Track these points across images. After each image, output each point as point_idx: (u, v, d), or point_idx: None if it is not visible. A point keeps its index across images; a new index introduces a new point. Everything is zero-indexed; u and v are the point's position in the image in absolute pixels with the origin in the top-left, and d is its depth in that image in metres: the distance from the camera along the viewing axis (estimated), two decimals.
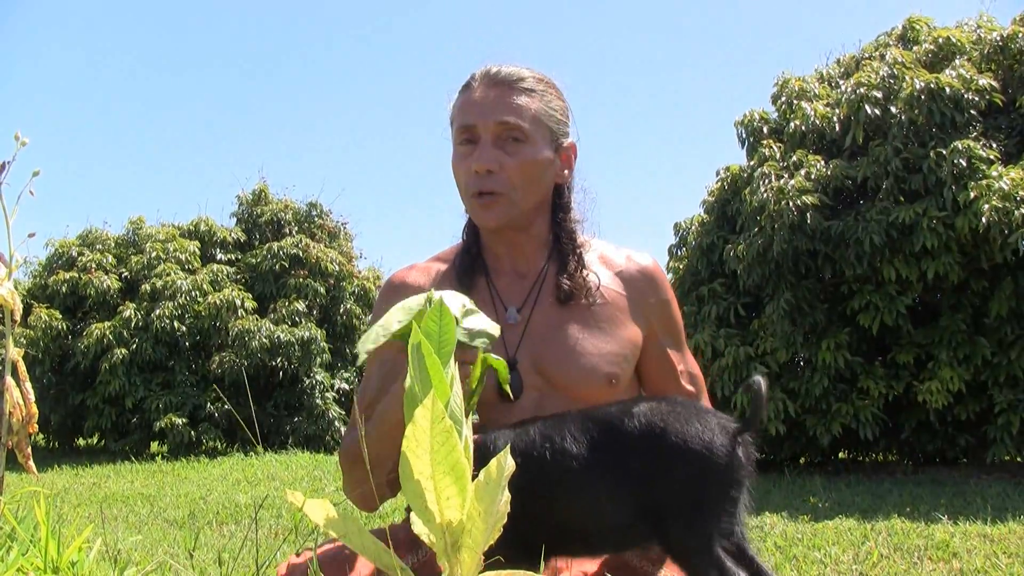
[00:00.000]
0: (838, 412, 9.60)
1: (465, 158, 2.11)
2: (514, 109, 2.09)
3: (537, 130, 2.11)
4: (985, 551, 5.63)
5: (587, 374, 2.04)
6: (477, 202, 2.10)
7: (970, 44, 10.00)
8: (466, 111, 2.12)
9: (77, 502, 9.25)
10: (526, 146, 2.09)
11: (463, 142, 2.12)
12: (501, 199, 2.08)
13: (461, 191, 2.16)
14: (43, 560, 1.86)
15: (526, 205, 2.13)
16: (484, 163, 2.06)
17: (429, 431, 1.29)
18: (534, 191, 2.13)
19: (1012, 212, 8.27)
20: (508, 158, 2.07)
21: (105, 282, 16.12)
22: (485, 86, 2.12)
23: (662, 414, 1.62)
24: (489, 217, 2.10)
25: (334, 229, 18.70)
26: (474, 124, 2.09)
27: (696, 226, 11.49)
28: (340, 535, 1.43)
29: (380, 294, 2.29)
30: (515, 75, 2.13)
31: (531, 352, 2.08)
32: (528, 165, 2.09)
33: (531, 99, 2.12)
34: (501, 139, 2.08)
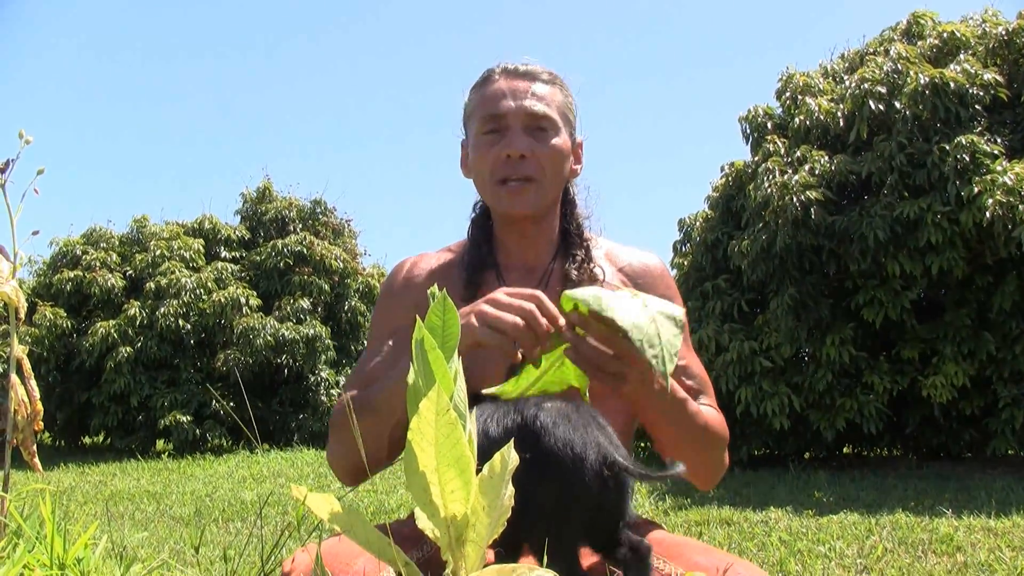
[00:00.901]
0: (842, 407, 9.60)
1: (491, 146, 2.10)
2: (542, 98, 2.11)
3: (561, 120, 2.13)
4: (989, 545, 5.64)
5: (591, 369, 2.03)
6: (505, 189, 2.09)
7: (975, 39, 9.98)
8: (492, 101, 2.11)
9: (83, 500, 9.27)
10: (552, 134, 2.10)
11: (489, 131, 2.11)
12: (531, 186, 2.08)
13: (484, 180, 2.14)
14: (49, 557, 1.87)
15: (552, 194, 2.14)
16: (519, 148, 2.06)
17: (434, 423, 1.29)
18: (559, 181, 2.15)
19: (1016, 207, 8.26)
20: (539, 145, 2.08)
21: (110, 280, 16.14)
22: (508, 78, 2.13)
23: (557, 415, 1.61)
24: (519, 203, 2.09)
25: (338, 226, 18.72)
26: (504, 113, 2.09)
27: (700, 222, 11.49)
28: (344, 529, 1.44)
29: (388, 278, 2.28)
30: (535, 69, 2.15)
31: None
32: (556, 154, 2.10)
33: (554, 90, 2.14)
34: (529, 128, 2.09)
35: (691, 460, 2.02)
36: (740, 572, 1.75)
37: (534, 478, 1.45)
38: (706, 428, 2.02)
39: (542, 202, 2.12)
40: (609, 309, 1.63)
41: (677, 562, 1.83)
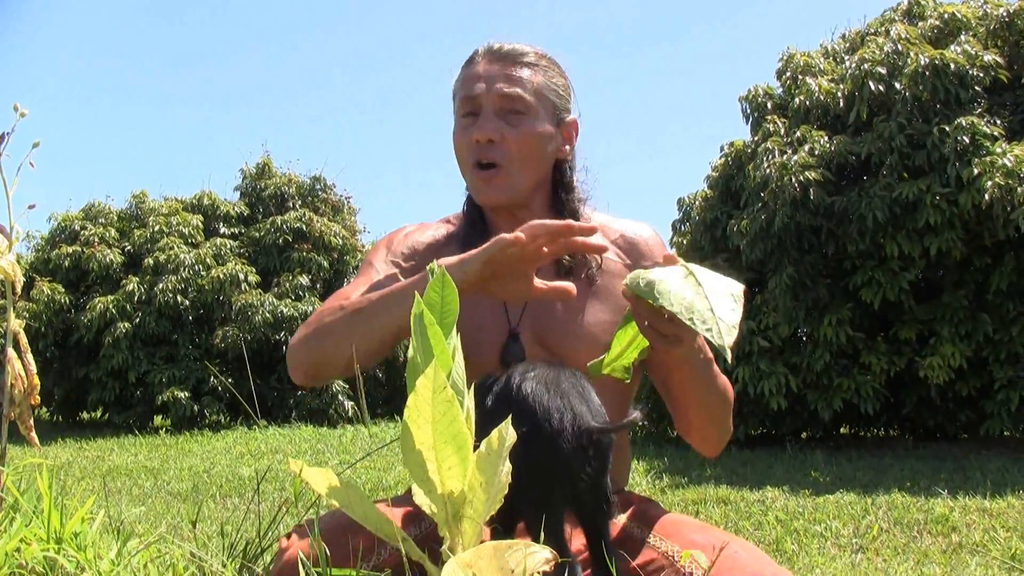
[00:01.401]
0: (840, 387, 9.61)
1: (466, 129, 2.09)
2: (516, 81, 2.08)
3: (539, 103, 2.10)
4: (984, 525, 5.66)
5: (587, 344, 2.03)
6: (478, 175, 2.08)
7: (976, 20, 9.95)
8: (469, 84, 2.11)
9: (81, 475, 9.28)
10: (527, 118, 2.08)
11: (466, 114, 2.10)
12: (501, 172, 2.06)
13: (462, 165, 2.14)
14: (46, 531, 1.87)
15: (525, 179, 2.11)
16: (485, 132, 2.05)
17: (431, 400, 1.29)
18: (534, 165, 2.12)
19: (1015, 189, 8.26)
20: (510, 129, 2.06)
21: (108, 256, 16.14)
22: (488, 61, 2.12)
23: (541, 381, 1.62)
24: (490, 193, 2.09)
25: (338, 203, 18.71)
26: (476, 95, 2.08)
27: (700, 201, 11.48)
28: (342, 504, 1.44)
29: (382, 240, 2.27)
30: (518, 50, 2.13)
31: (533, 324, 2.06)
32: (529, 137, 2.08)
33: (533, 72, 2.11)
34: (503, 111, 2.07)
35: (709, 425, 2.05)
36: (737, 550, 1.76)
37: (516, 448, 1.45)
38: (725, 391, 2.05)
39: (514, 189, 2.10)
40: (660, 295, 1.63)
41: (673, 540, 1.84)
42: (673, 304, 1.61)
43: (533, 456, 1.53)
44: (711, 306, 1.60)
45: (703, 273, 1.68)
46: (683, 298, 1.61)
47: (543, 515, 1.52)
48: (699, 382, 1.96)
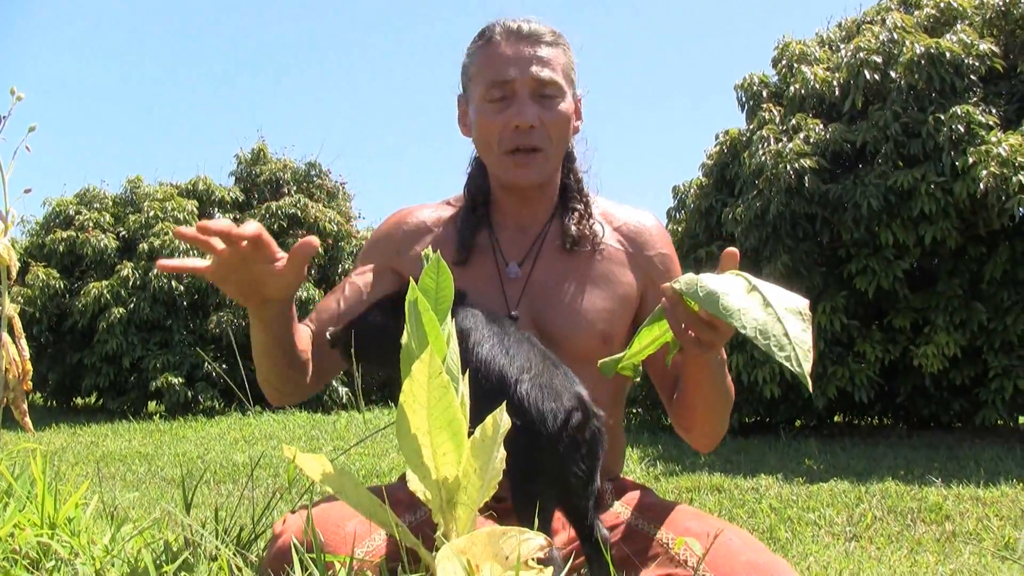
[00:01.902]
0: (834, 375, 9.63)
1: (497, 114, 2.05)
2: (548, 63, 2.06)
3: (566, 83, 2.09)
4: (977, 514, 5.67)
5: (582, 331, 2.04)
6: (513, 159, 2.05)
7: (972, 9, 9.95)
8: (498, 66, 2.07)
9: (75, 460, 9.29)
10: (558, 100, 2.07)
11: (495, 98, 2.06)
12: (539, 156, 2.05)
13: (487, 147, 2.10)
14: (40, 516, 1.87)
15: (557, 161, 2.12)
16: (529, 119, 2.02)
17: (426, 386, 1.29)
18: (564, 146, 2.13)
19: (1010, 178, 8.26)
20: (546, 113, 2.05)
21: (103, 241, 16.12)
22: (512, 41, 2.08)
23: (534, 375, 1.62)
24: (527, 174, 2.07)
25: (333, 189, 18.68)
26: (511, 80, 2.04)
27: (695, 189, 11.48)
28: (336, 491, 1.44)
29: (385, 222, 2.25)
30: (538, 30, 2.10)
31: (530, 307, 2.06)
32: (563, 120, 2.07)
33: (558, 52, 2.10)
34: (536, 94, 2.05)
35: (712, 422, 2.05)
36: (731, 538, 1.76)
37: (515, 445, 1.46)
38: (730, 391, 2.04)
39: (548, 171, 2.10)
40: (728, 312, 1.57)
41: (668, 527, 1.84)
42: (746, 326, 1.55)
43: (526, 449, 1.54)
44: (786, 330, 1.55)
45: (767, 288, 1.63)
46: (755, 319, 1.56)
47: (535, 506, 1.52)
48: (713, 383, 1.95)
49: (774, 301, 1.58)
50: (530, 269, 2.10)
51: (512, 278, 2.10)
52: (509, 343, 1.71)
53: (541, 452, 1.56)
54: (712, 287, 1.60)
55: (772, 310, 1.57)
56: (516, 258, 2.12)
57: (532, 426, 1.56)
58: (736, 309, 1.56)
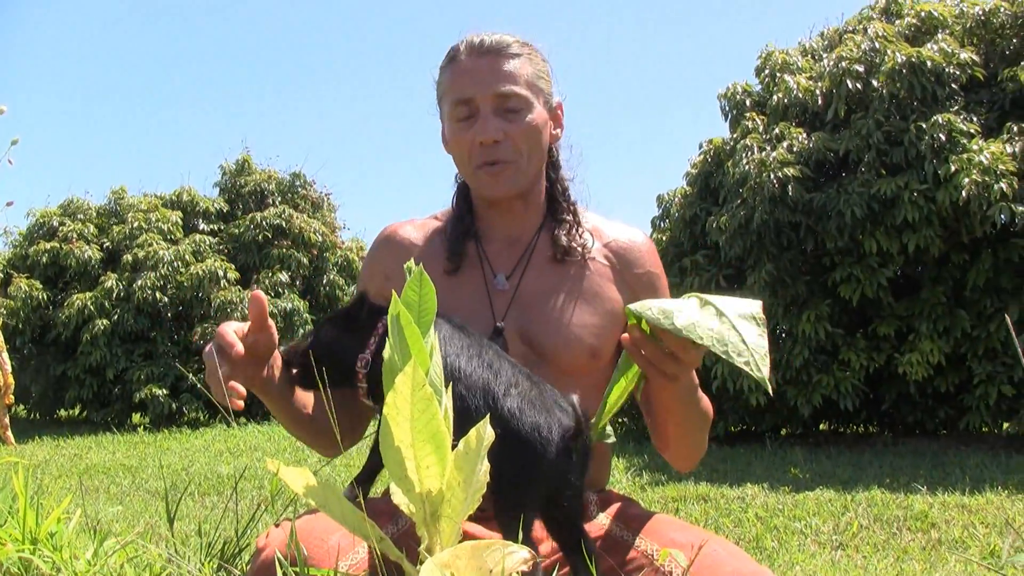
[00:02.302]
0: (819, 383, 9.64)
1: (465, 131, 2.07)
2: (509, 77, 2.06)
3: (532, 93, 2.08)
4: (963, 521, 5.68)
5: (570, 345, 2.03)
6: (485, 172, 2.06)
7: (952, 18, 10.00)
8: (460, 84, 2.08)
9: (58, 473, 9.24)
10: (525, 112, 2.06)
11: (461, 117, 2.08)
12: (509, 168, 2.05)
13: (462, 164, 2.12)
14: (21, 531, 1.86)
15: (532, 171, 2.11)
16: (490, 135, 2.02)
17: (410, 398, 1.29)
18: (538, 156, 2.12)
19: (992, 186, 8.30)
20: (511, 126, 2.04)
21: (87, 252, 16.08)
22: (474, 57, 2.09)
23: (523, 399, 1.63)
24: (499, 186, 2.07)
25: (318, 200, 18.67)
26: (471, 97, 2.05)
27: (679, 198, 11.50)
28: (319, 504, 1.43)
29: (373, 243, 2.26)
30: (501, 42, 2.09)
31: (518, 320, 2.06)
32: (531, 131, 2.07)
33: (521, 63, 2.09)
34: (500, 109, 2.05)
35: (686, 443, 2.05)
36: (716, 549, 1.76)
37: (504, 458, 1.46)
38: (706, 413, 2.05)
39: (522, 180, 2.10)
40: (684, 328, 1.60)
41: (653, 539, 1.84)
42: (703, 337, 1.57)
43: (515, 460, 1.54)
44: (742, 336, 1.57)
45: (719, 300, 1.65)
46: (710, 329, 1.58)
47: (519, 517, 1.52)
48: (686, 409, 1.97)
49: (727, 311, 1.61)
50: (518, 281, 2.10)
51: (500, 289, 2.09)
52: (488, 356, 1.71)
53: (533, 464, 1.57)
54: (666, 306, 1.64)
55: (726, 319, 1.59)
56: (504, 270, 2.12)
57: (522, 437, 1.56)
58: (691, 323, 1.60)
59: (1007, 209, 8.32)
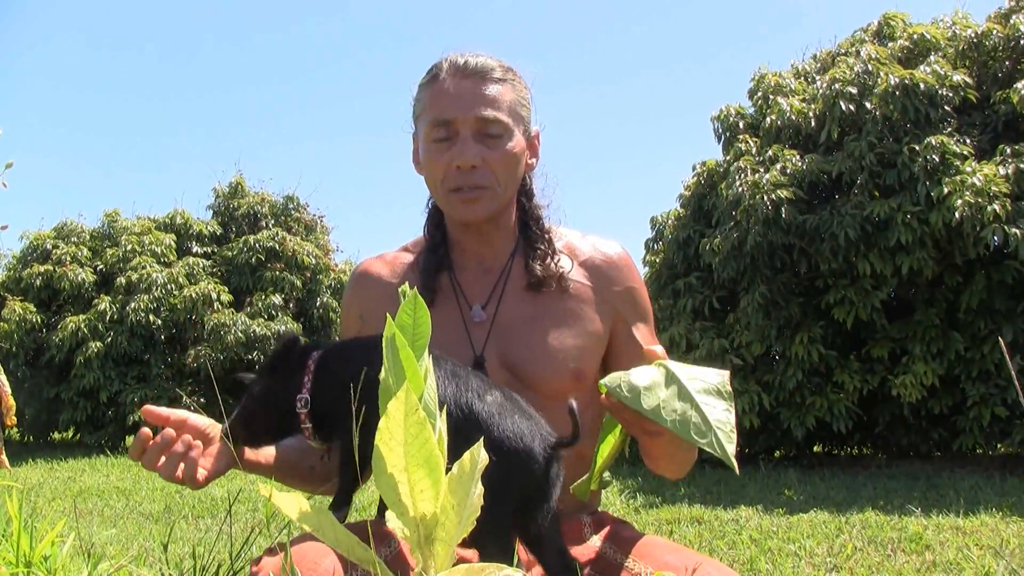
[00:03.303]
0: (812, 405, 9.65)
1: (441, 153, 2.02)
2: (491, 102, 2.03)
3: (513, 121, 2.06)
4: (957, 543, 5.67)
5: (554, 370, 2.02)
6: (457, 197, 2.02)
7: (945, 41, 10.06)
8: (440, 105, 2.04)
9: (52, 496, 9.21)
10: (505, 139, 2.03)
11: (438, 138, 2.04)
12: (485, 193, 2.02)
13: (435, 187, 2.08)
14: (15, 554, 1.85)
15: (506, 197, 2.08)
16: (469, 159, 1.99)
17: (403, 423, 1.29)
18: (513, 182, 2.09)
19: (985, 207, 8.32)
20: (490, 152, 2.01)
21: (80, 275, 16.06)
22: (457, 78, 2.05)
23: (498, 406, 1.64)
24: (473, 212, 2.04)
25: (311, 222, 18.67)
26: (452, 119, 2.01)
27: (672, 220, 11.54)
28: (313, 528, 1.43)
29: (348, 283, 2.24)
30: (486, 66, 2.06)
31: (497, 349, 2.04)
32: (509, 158, 2.04)
33: (504, 89, 2.06)
34: (480, 134, 2.02)
35: (679, 462, 2.03)
36: (710, 572, 1.76)
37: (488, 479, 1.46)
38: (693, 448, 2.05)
39: (495, 207, 2.07)
40: (650, 411, 1.61)
41: (646, 561, 1.83)
42: (666, 419, 1.59)
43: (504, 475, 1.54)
44: (704, 415, 1.58)
45: (683, 372, 1.65)
46: (674, 411, 1.59)
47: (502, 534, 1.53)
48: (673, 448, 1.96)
49: (691, 386, 1.62)
50: (495, 310, 2.08)
51: (477, 321, 2.08)
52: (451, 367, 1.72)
53: (523, 485, 1.57)
54: (634, 383, 1.64)
55: (691, 397, 1.60)
56: (479, 299, 2.10)
57: (512, 459, 1.57)
58: (656, 405, 1.61)
59: (1000, 231, 8.34)
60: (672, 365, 1.67)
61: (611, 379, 1.69)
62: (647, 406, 1.61)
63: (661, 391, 1.62)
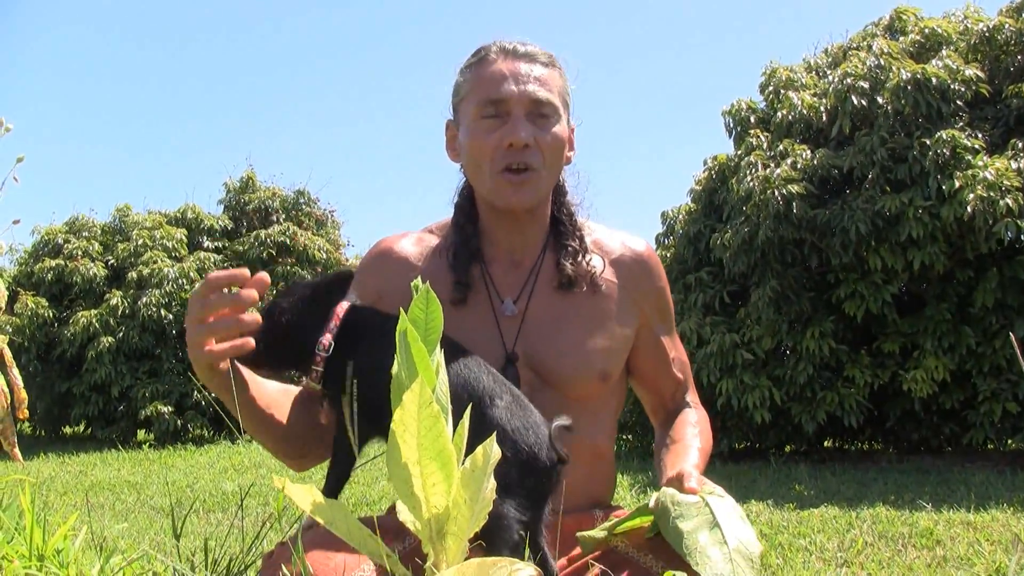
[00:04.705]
0: (823, 400, 9.63)
1: (490, 132, 1.99)
2: (544, 83, 2.01)
3: (562, 106, 2.05)
4: (968, 538, 5.66)
5: (580, 371, 2.01)
6: (506, 179, 1.98)
7: (957, 35, 10.02)
8: (492, 84, 2.01)
9: (63, 490, 9.24)
10: (554, 121, 2.01)
11: (488, 116, 2.00)
12: (533, 176, 1.99)
13: (481, 168, 2.02)
14: (28, 548, 1.86)
15: (550, 184, 2.06)
16: (523, 137, 1.95)
17: (417, 416, 1.29)
18: (558, 170, 2.07)
19: (997, 202, 8.29)
20: (541, 133, 1.99)
21: (91, 270, 16.09)
22: (509, 59, 2.03)
23: (510, 413, 1.63)
24: (520, 197, 2.00)
25: (322, 217, 18.69)
26: (506, 98, 1.98)
27: (683, 215, 11.51)
28: (326, 521, 1.43)
29: (367, 256, 2.19)
30: (533, 51, 2.05)
31: (526, 347, 2.01)
32: (557, 142, 2.02)
33: (553, 74, 2.05)
34: (532, 114, 1.99)
35: None
36: None
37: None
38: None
39: (542, 193, 2.05)
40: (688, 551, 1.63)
41: (657, 556, 1.83)
42: (705, 572, 1.60)
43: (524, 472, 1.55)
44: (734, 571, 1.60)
45: (726, 523, 1.68)
46: (716, 565, 1.61)
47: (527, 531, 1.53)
48: None
49: (731, 542, 1.64)
50: (526, 305, 2.06)
51: (508, 316, 2.05)
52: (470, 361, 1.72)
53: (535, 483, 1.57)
54: (681, 525, 1.67)
55: (727, 551, 1.62)
56: (510, 294, 2.07)
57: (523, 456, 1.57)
58: (696, 550, 1.63)
59: (1012, 225, 8.30)
60: (717, 507, 1.71)
61: (662, 503, 1.72)
62: (687, 547, 1.63)
63: (703, 538, 1.65)
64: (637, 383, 2.22)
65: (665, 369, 2.19)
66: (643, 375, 2.20)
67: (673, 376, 2.21)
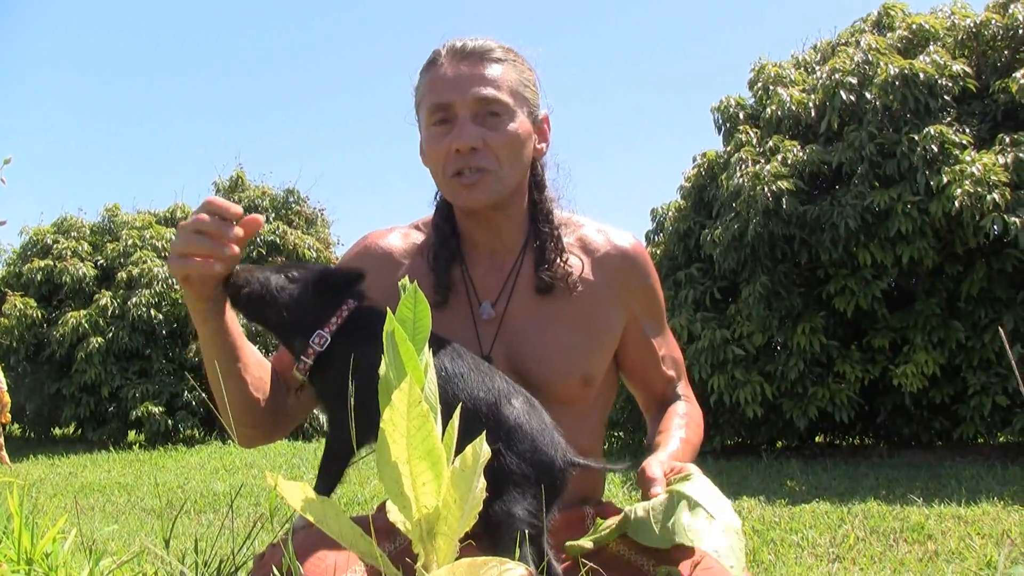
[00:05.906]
0: (814, 396, 9.65)
1: (441, 138, 1.96)
2: (491, 81, 1.97)
3: (515, 101, 2.00)
4: (959, 532, 5.68)
5: (561, 374, 1.99)
6: (459, 182, 1.95)
7: (944, 30, 10.05)
8: (438, 89, 1.98)
9: (53, 492, 9.22)
10: (506, 119, 1.97)
11: (437, 122, 1.98)
12: (487, 177, 1.95)
13: (437, 175, 2.01)
14: (16, 551, 1.85)
15: (511, 181, 2.00)
16: (467, 141, 1.92)
17: (406, 415, 1.28)
18: (519, 166, 2.01)
19: (984, 196, 8.31)
20: (491, 133, 1.95)
21: (81, 270, 16.06)
22: (455, 61, 1.99)
23: (527, 414, 1.63)
24: (474, 197, 1.96)
25: (311, 215, 18.67)
26: (450, 102, 1.95)
27: (673, 211, 11.52)
28: (317, 520, 1.43)
29: (352, 250, 2.18)
30: (484, 47, 2.01)
31: (506, 349, 1.99)
32: (512, 139, 1.97)
33: (505, 69, 2.01)
34: (480, 115, 1.95)
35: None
36: (712, 565, 1.75)
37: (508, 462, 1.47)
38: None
39: (501, 191, 1.99)
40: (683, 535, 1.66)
41: (649, 554, 1.82)
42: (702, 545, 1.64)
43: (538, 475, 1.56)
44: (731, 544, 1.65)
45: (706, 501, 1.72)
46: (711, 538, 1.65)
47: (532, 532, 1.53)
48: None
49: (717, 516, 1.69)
50: (504, 308, 2.03)
51: (485, 319, 2.03)
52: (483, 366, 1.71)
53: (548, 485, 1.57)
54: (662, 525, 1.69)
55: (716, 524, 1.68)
56: (490, 296, 2.05)
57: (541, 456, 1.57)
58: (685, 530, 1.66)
59: (1000, 220, 8.33)
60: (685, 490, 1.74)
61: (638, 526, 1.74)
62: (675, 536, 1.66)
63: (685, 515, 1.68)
64: (628, 378, 2.21)
65: (655, 366, 2.17)
66: (633, 371, 2.18)
67: (663, 373, 2.19)
